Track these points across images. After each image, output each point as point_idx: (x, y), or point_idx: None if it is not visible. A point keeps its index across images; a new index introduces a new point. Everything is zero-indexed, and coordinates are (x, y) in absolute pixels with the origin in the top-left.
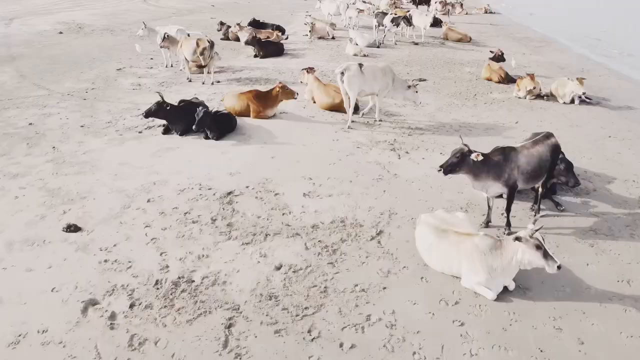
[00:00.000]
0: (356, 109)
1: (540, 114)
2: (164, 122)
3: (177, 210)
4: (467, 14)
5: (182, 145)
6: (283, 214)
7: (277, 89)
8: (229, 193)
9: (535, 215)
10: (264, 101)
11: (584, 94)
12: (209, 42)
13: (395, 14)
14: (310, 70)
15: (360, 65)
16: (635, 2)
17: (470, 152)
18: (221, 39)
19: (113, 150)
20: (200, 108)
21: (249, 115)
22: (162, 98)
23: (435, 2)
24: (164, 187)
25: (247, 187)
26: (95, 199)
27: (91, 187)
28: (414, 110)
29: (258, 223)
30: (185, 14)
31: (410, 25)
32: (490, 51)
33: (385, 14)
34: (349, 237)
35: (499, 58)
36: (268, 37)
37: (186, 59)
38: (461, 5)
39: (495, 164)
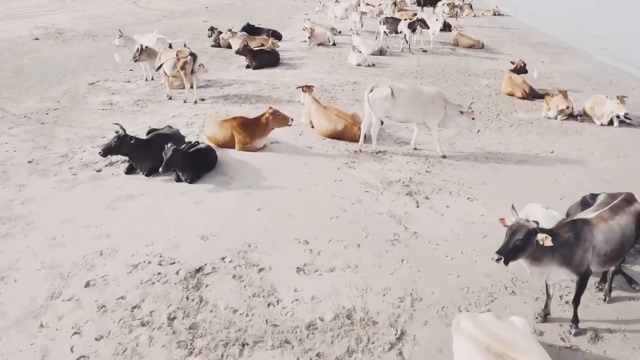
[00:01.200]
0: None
1: (576, 139)
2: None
3: (123, 303)
4: (474, 16)
5: (147, 190)
6: (269, 305)
7: (267, 115)
8: (198, 270)
9: (605, 300)
10: (252, 130)
11: (626, 114)
12: (190, 54)
13: (411, 19)
14: (307, 88)
15: (393, 88)
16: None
17: (536, 230)
18: (212, 45)
19: (59, 199)
20: (170, 145)
21: (233, 146)
22: (124, 130)
23: (443, 5)
24: (112, 260)
25: (222, 258)
26: (16, 281)
27: (17, 260)
28: (428, 135)
29: (233, 323)
30: (177, 17)
31: (427, 28)
32: (511, 62)
33: (397, 20)
34: (358, 345)
35: (520, 69)
36: (262, 45)
37: (165, 73)
38: (470, 6)
39: (562, 243)
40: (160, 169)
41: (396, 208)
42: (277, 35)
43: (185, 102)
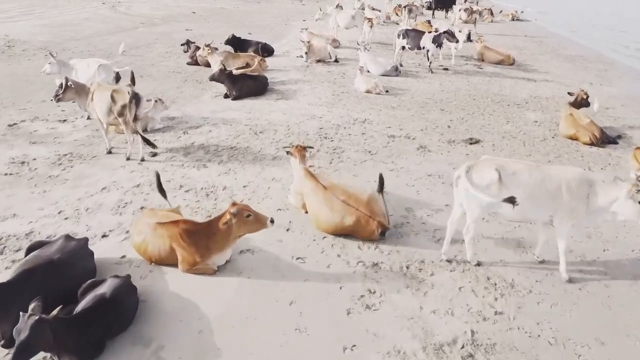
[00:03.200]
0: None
1: None
2: None
3: None
4: (491, 21)
5: None
6: None
7: (228, 218)
8: None
9: None
10: (204, 242)
11: None
12: (131, 94)
13: (436, 31)
14: (299, 150)
15: (500, 172)
16: None
17: None
18: (188, 63)
19: None
20: (31, 310)
21: (175, 264)
22: None
23: (460, 10)
24: None
25: None
26: None
27: None
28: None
29: None
30: (157, 24)
31: (455, 42)
32: (569, 93)
33: (419, 32)
34: None
35: (582, 102)
36: (247, 65)
37: (100, 119)
38: (491, 12)
39: None
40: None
41: None
42: (267, 50)
43: (128, 159)
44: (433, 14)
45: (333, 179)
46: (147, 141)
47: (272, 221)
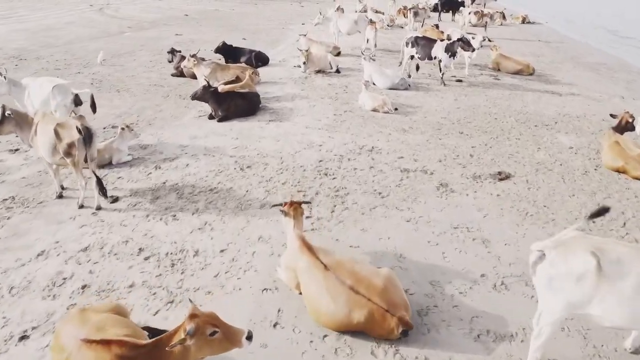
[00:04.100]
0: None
1: None
2: None
3: None
4: (501, 24)
5: None
6: None
7: (182, 334)
8: None
9: None
10: None
11: None
12: (81, 129)
13: (449, 39)
14: (294, 207)
15: (598, 256)
16: None
17: None
18: (173, 74)
19: None
20: None
21: None
22: None
23: (470, 13)
24: None
25: None
26: None
27: None
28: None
29: None
30: (145, 28)
31: (471, 50)
32: (612, 115)
33: (430, 40)
34: None
35: (626, 126)
36: (237, 79)
37: (45, 159)
38: (503, 15)
39: None
40: None
41: None
42: (262, 59)
43: (81, 207)
44: (439, 16)
45: (335, 251)
46: (100, 187)
47: (248, 338)
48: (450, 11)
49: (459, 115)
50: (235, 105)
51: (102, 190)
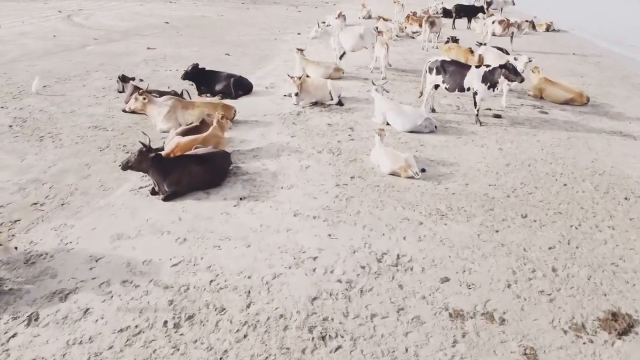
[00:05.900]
0: None
1: None
2: None
3: None
4: (525, 33)
5: None
6: None
7: None
8: None
9: None
10: None
11: None
12: None
13: (487, 65)
14: None
15: None
16: None
17: None
18: (124, 110)
19: None
20: None
21: None
22: None
23: (494, 22)
24: None
25: None
26: None
27: None
28: None
29: None
30: (114, 40)
31: (519, 81)
32: None
33: (462, 66)
34: None
35: None
36: (201, 123)
37: None
38: (532, 24)
39: None
40: None
41: None
42: (243, 86)
43: None
44: (454, 23)
45: None
46: None
47: None
48: (466, 18)
49: (513, 181)
50: (190, 174)
51: None
